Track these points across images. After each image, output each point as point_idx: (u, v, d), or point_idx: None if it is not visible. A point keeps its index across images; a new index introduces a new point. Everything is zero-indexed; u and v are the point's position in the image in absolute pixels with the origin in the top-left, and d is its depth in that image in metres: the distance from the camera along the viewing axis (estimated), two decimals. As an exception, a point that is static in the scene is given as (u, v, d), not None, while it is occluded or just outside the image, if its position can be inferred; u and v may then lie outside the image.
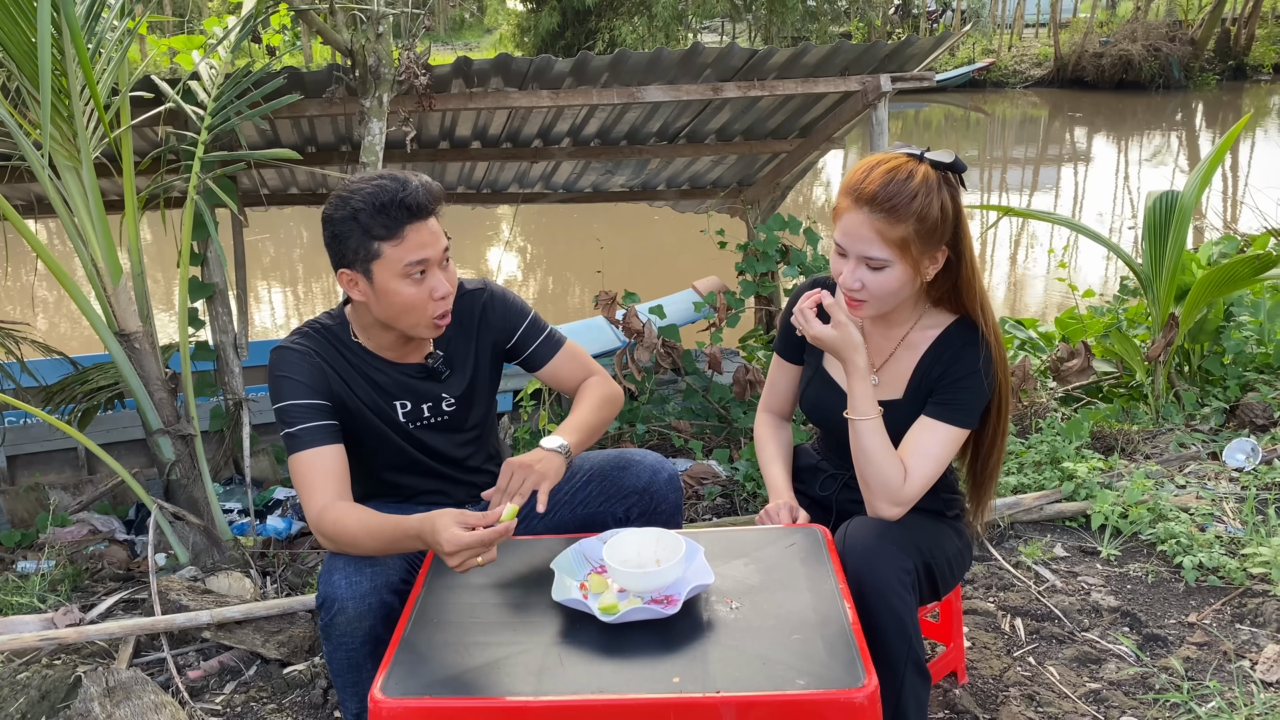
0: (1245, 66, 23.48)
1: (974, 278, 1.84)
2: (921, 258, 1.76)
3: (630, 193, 5.83)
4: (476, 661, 1.50)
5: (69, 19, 2.46)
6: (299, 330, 2.00)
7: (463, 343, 2.08)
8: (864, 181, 1.73)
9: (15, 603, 2.87)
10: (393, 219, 1.80)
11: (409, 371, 2.03)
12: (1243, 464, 3.40)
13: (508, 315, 2.11)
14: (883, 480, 1.83)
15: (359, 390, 1.99)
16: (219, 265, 3.78)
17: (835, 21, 26.22)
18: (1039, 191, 13.77)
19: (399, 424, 2.03)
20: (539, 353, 2.14)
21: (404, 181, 1.82)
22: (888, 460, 1.83)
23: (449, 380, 2.06)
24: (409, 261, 1.82)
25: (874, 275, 1.77)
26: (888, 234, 1.72)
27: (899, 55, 4.13)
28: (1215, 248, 4.83)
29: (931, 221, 1.73)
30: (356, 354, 1.99)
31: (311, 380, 1.91)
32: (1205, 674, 2.36)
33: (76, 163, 2.83)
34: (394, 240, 1.81)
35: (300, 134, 4.44)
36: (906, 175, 1.72)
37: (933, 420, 1.86)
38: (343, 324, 2.01)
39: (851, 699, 1.38)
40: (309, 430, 1.87)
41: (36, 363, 3.82)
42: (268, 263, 11.07)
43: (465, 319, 2.08)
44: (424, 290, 1.86)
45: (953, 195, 1.76)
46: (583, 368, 2.18)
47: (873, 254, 1.74)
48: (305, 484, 1.85)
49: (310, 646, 2.60)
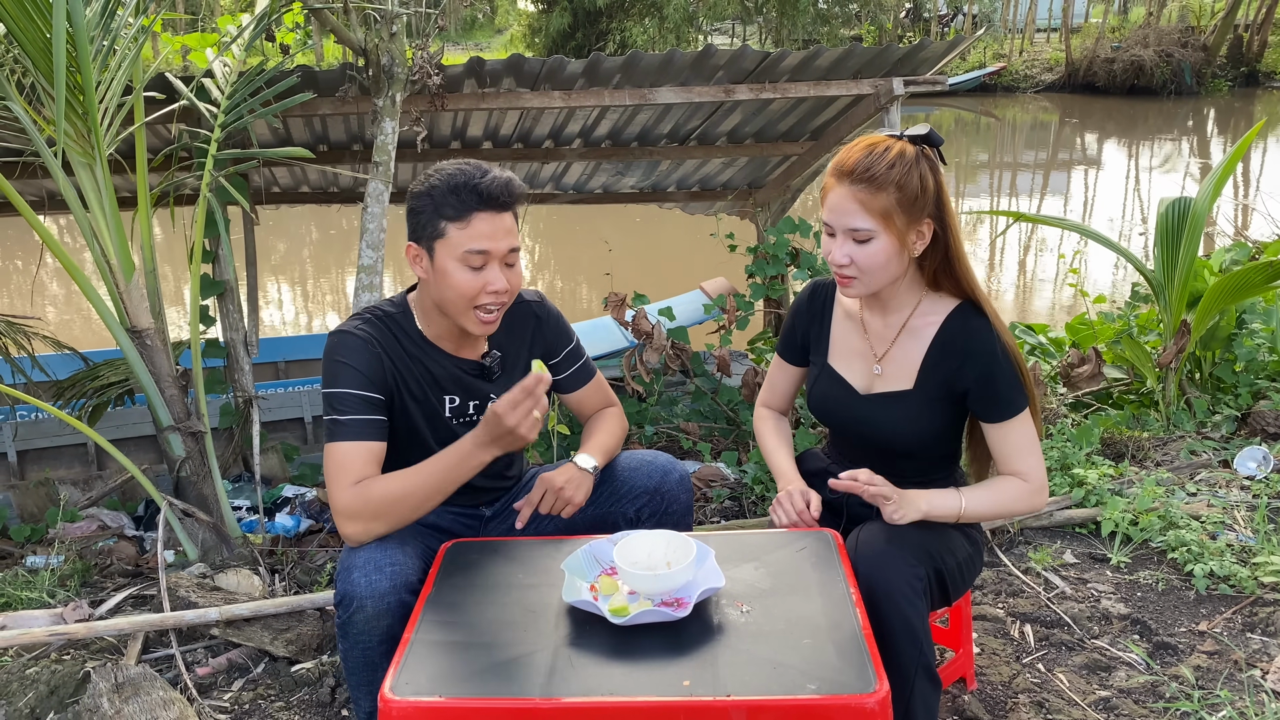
0: (1258, 73, 23.40)
1: (960, 254, 1.88)
2: (907, 230, 1.81)
3: (640, 194, 5.83)
4: (486, 662, 1.50)
5: (78, 18, 2.47)
6: (360, 315, 2.00)
7: (515, 347, 2.10)
8: (845, 159, 1.82)
9: (25, 597, 2.88)
10: (463, 202, 1.83)
11: (464, 367, 2.04)
12: (1254, 472, 3.39)
13: (559, 333, 2.17)
14: (1016, 506, 1.91)
15: (411, 380, 1.99)
16: (230, 263, 3.79)
17: (846, 25, 26.18)
18: (1049, 196, 13.73)
19: (443, 418, 2.04)
20: (574, 378, 2.21)
21: (485, 170, 1.86)
22: (1009, 494, 1.90)
23: (499, 381, 2.07)
24: (470, 249, 1.85)
25: (861, 249, 1.82)
26: (870, 204, 1.78)
27: (911, 59, 4.13)
28: (1227, 254, 4.81)
29: (911, 190, 1.78)
30: (416, 342, 2.00)
31: (370, 370, 1.91)
32: (1216, 683, 2.34)
33: (90, 159, 2.84)
34: (460, 223, 1.84)
35: (312, 132, 4.44)
36: (884, 149, 1.80)
37: (1000, 423, 1.89)
38: (405, 311, 2.02)
39: (863, 704, 1.37)
40: (357, 423, 1.87)
41: (47, 358, 3.84)
42: (277, 260, 11.09)
43: (520, 326, 2.10)
44: (479, 280, 1.87)
45: (932, 168, 1.82)
46: (605, 399, 2.28)
47: (857, 224, 1.80)
48: (340, 471, 1.84)
49: (318, 644, 2.60)
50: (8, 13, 2.50)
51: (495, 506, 2.21)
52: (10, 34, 2.60)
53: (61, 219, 8.14)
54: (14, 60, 2.81)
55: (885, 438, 1.96)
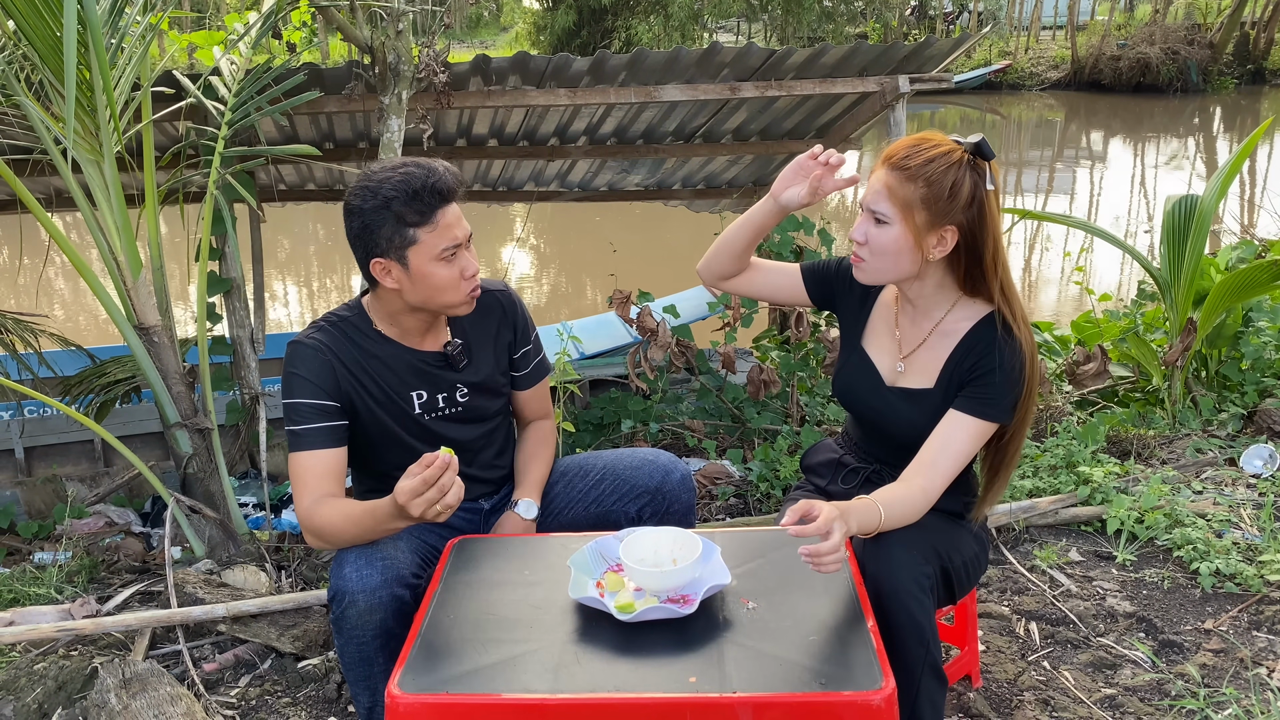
0: (1264, 70, 23.28)
1: (1000, 266, 1.84)
2: (925, 229, 1.77)
3: (645, 192, 5.83)
4: (493, 658, 1.51)
5: (89, 16, 2.48)
6: (315, 324, 2.02)
7: (480, 334, 2.11)
8: (895, 146, 1.81)
9: (33, 593, 2.89)
10: (426, 205, 1.84)
11: (427, 360, 2.04)
12: (1260, 470, 3.38)
13: (526, 324, 2.19)
14: (911, 512, 1.80)
15: (373, 383, 1.99)
16: (236, 260, 3.80)
17: (851, 22, 26.10)
18: (1054, 194, 13.69)
19: (413, 416, 2.04)
20: (530, 374, 2.22)
21: (429, 168, 1.86)
22: (909, 510, 1.79)
23: (465, 369, 2.08)
24: (444, 247, 1.86)
25: (876, 230, 1.81)
26: (895, 191, 1.77)
27: (917, 56, 4.12)
28: (1234, 252, 4.80)
29: (939, 190, 1.75)
30: (377, 342, 2.01)
31: (320, 379, 1.93)
32: (1222, 681, 2.34)
33: (98, 156, 2.84)
34: (428, 226, 1.85)
35: (319, 130, 4.45)
36: (931, 144, 1.78)
37: (960, 414, 1.85)
38: (360, 314, 2.03)
39: (869, 701, 1.38)
40: (312, 431, 1.90)
41: (54, 354, 3.85)
42: (284, 258, 11.11)
43: (487, 313, 2.11)
44: (455, 270, 1.90)
45: (974, 179, 1.77)
46: (545, 406, 2.28)
47: (878, 207, 1.79)
48: (299, 483, 1.89)
49: (325, 641, 2.61)
50: (18, 10, 2.51)
51: (494, 499, 2.21)
52: (20, 31, 2.60)
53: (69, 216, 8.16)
54: (23, 57, 2.82)
55: (901, 431, 1.94)
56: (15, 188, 2.80)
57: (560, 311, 8.20)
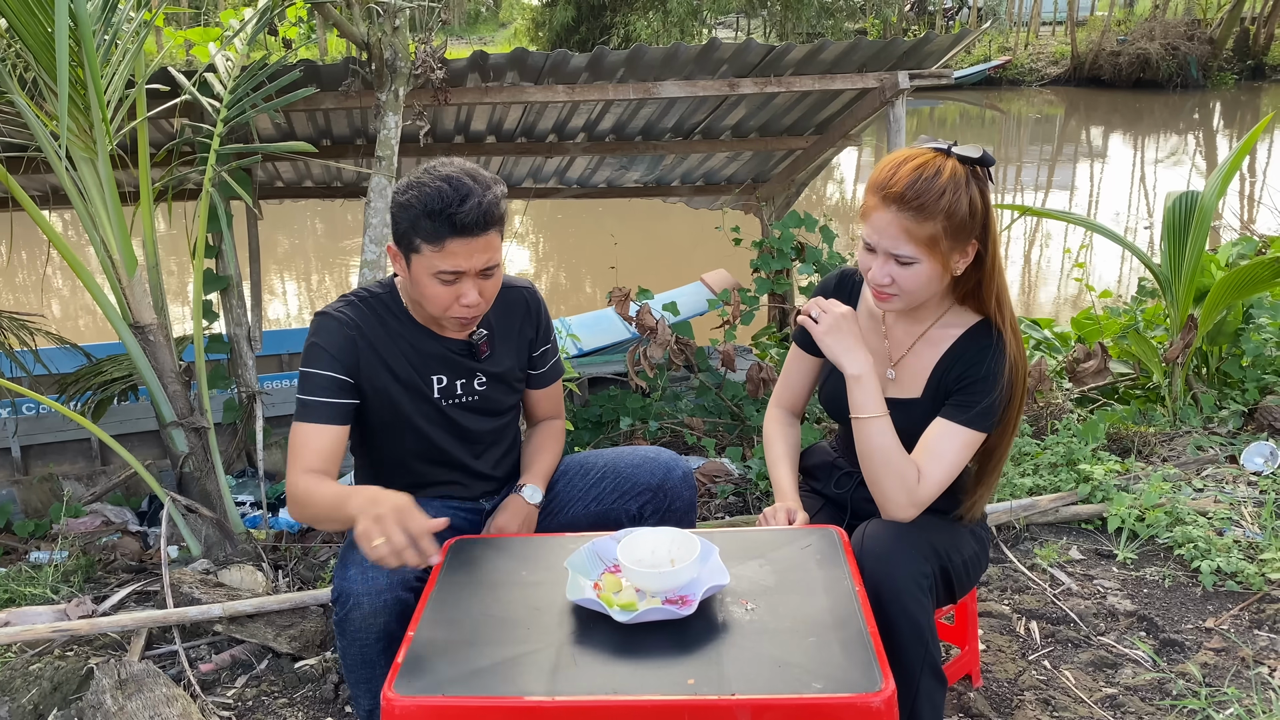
0: (1264, 66, 23.26)
1: (996, 273, 1.82)
2: (951, 253, 1.75)
3: (644, 188, 5.81)
4: (490, 660, 1.49)
5: (80, 12, 2.46)
6: (345, 297, 2.02)
7: (506, 328, 2.11)
8: (891, 180, 1.71)
9: (28, 593, 2.88)
10: (437, 229, 1.80)
11: (452, 347, 2.04)
12: (1261, 468, 3.37)
13: (547, 325, 2.19)
14: (897, 481, 1.80)
15: (397, 361, 1.99)
16: (233, 258, 3.78)
17: (850, 18, 26.05)
18: (1054, 190, 13.68)
19: (431, 399, 2.04)
20: (546, 374, 2.23)
21: (464, 196, 1.78)
22: (900, 460, 1.81)
23: (487, 360, 2.08)
24: (442, 269, 1.83)
25: (902, 270, 1.76)
26: (916, 232, 1.71)
27: (917, 52, 4.10)
28: (1234, 249, 4.78)
29: (960, 218, 1.71)
30: (404, 322, 2.01)
31: (340, 353, 1.92)
32: (1223, 680, 2.33)
33: (93, 154, 2.83)
34: (434, 246, 1.82)
35: (315, 127, 4.43)
36: (934, 172, 1.70)
37: (949, 422, 1.83)
38: (392, 292, 2.03)
39: (869, 703, 1.36)
40: (321, 405, 1.90)
41: (50, 353, 3.83)
42: (281, 255, 11.09)
43: (511, 309, 2.11)
44: (451, 294, 1.87)
45: (981, 190, 1.74)
46: (557, 406, 2.29)
47: (901, 252, 1.73)
48: (297, 452, 1.89)
49: (322, 641, 2.60)
50: (9, 7, 2.49)
51: (495, 500, 2.20)
52: (12, 28, 2.59)
53: (65, 214, 8.14)
54: (16, 55, 2.80)
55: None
56: (9, 186, 2.78)
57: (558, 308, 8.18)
